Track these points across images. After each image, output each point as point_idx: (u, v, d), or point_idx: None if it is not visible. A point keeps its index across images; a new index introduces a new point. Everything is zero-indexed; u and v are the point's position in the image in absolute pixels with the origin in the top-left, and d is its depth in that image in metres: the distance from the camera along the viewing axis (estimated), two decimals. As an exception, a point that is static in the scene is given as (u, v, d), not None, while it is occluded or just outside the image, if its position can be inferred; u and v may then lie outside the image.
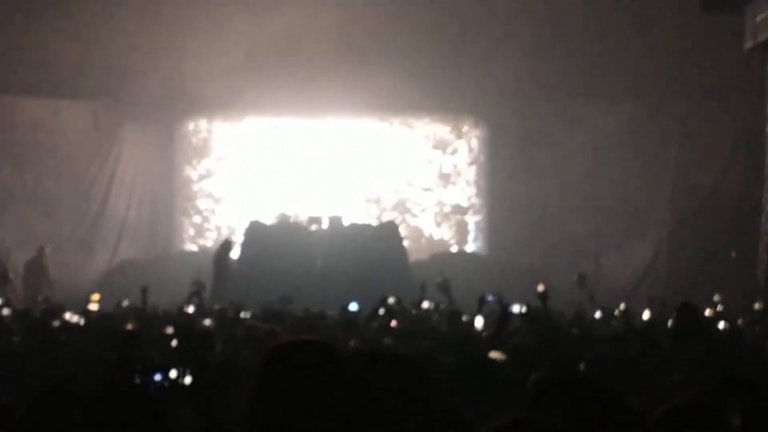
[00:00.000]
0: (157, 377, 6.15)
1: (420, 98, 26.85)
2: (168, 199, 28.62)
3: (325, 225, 25.51)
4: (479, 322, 13.01)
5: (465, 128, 29.12)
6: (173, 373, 6.22)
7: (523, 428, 3.32)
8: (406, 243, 26.16)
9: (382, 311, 14.08)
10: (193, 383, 6.24)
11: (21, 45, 24.50)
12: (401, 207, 28.92)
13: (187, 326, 12.07)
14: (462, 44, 25.91)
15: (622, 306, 18.65)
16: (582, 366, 8.06)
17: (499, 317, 11.09)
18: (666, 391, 6.89)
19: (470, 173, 29.18)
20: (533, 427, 3.32)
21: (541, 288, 15.64)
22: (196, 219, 29.13)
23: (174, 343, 10.15)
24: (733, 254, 23.96)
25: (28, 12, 24.40)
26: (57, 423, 4.54)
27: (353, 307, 15.42)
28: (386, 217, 28.08)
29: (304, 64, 25.88)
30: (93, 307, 17.99)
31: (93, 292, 22.19)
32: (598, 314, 16.40)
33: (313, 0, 25.54)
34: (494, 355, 8.59)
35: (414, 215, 28.96)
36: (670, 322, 12.51)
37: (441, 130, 29.18)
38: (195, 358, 7.47)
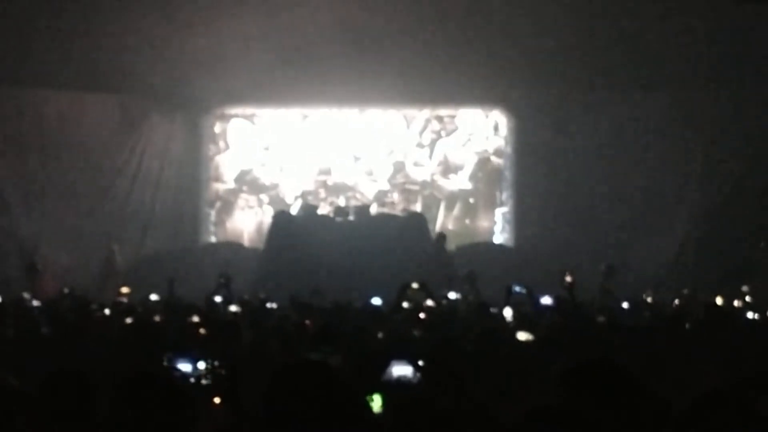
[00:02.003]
0: (185, 367, 6.16)
1: (446, 89, 26.81)
2: (194, 191, 28.68)
3: (351, 216, 25.53)
4: (508, 313, 13.00)
5: (492, 118, 29.02)
6: (201, 364, 6.24)
7: (544, 416, 3.34)
8: (432, 234, 26.15)
9: (406, 304, 14.04)
10: (221, 373, 6.26)
11: (47, 38, 24.57)
12: (429, 198, 28.86)
13: (214, 316, 12.11)
14: (489, 33, 25.80)
15: (648, 298, 18.61)
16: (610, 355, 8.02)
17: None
18: (694, 381, 6.86)
19: (497, 164, 29.08)
20: (554, 415, 3.34)
21: (568, 279, 15.61)
22: (222, 211, 29.19)
23: (202, 332, 10.18)
24: (762, 244, 23.85)
25: (53, 5, 24.46)
26: (73, 408, 4.56)
27: (376, 301, 15.38)
28: (412, 208, 28.09)
29: (328, 55, 25.84)
30: (122, 300, 18.09)
31: (120, 285, 22.40)
32: (625, 305, 16.32)
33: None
34: (522, 336, 8.55)
35: (439, 206, 28.90)
36: (699, 314, 12.47)
37: (468, 120, 29.08)
38: (223, 348, 7.49)
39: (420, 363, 6.48)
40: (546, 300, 13.92)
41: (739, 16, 23.00)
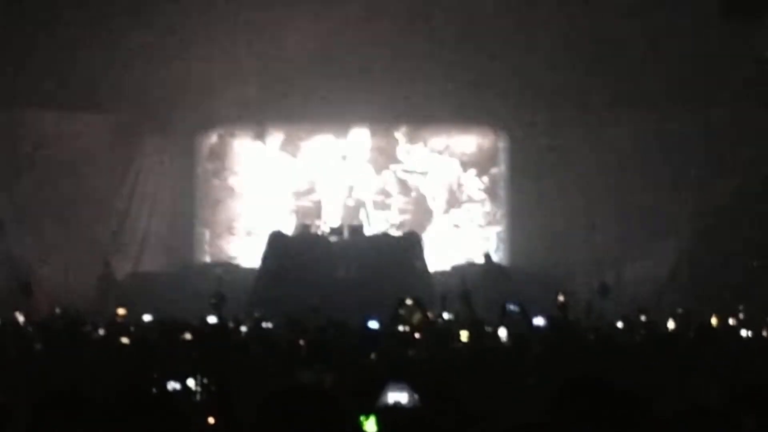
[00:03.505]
0: (175, 385, 6.17)
1: (441, 109, 26.86)
2: (189, 211, 28.65)
3: (346, 235, 25.51)
4: (503, 332, 12.98)
5: (486, 138, 29.03)
6: (191, 382, 6.25)
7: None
8: (427, 253, 26.13)
9: (402, 328, 13.98)
10: (212, 390, 6.27)
11: (40, 58, 24.58)
12: (422, 217, 28.83)
13: (208, 335, 12.07)
14: (484, 55, 25.85)
15: (642, 317, 18.60)
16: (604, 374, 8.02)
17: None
18: (688, 398, 6.86)
19: (491, 183, 29.07)
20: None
21: (561, 299, 15.65)
22: (218, 231, 29.16)
23: (196, 351, 10.16)
24: (755, 264, 23.89)
25: (47, 25, 24.49)
26: (62, 427, 4.55)
27: (373, 324, 15.27)
28: (407, 227, 28.06)
29: (323, 77, 25.89)
30: (119, 321, 18.07)
31: (117, 303, 22.35)
32: (620, 324, 16.31)
33: (330, 13, 25.54)
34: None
35: (436, 225, 28.87)
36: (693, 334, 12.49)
37: (462, 140, 29.09)
38: (218, 366, 7.49)
39: (416, 384, 6.49)
40: (538, 320, 13.93)
41: (727, 34, 23.06)
